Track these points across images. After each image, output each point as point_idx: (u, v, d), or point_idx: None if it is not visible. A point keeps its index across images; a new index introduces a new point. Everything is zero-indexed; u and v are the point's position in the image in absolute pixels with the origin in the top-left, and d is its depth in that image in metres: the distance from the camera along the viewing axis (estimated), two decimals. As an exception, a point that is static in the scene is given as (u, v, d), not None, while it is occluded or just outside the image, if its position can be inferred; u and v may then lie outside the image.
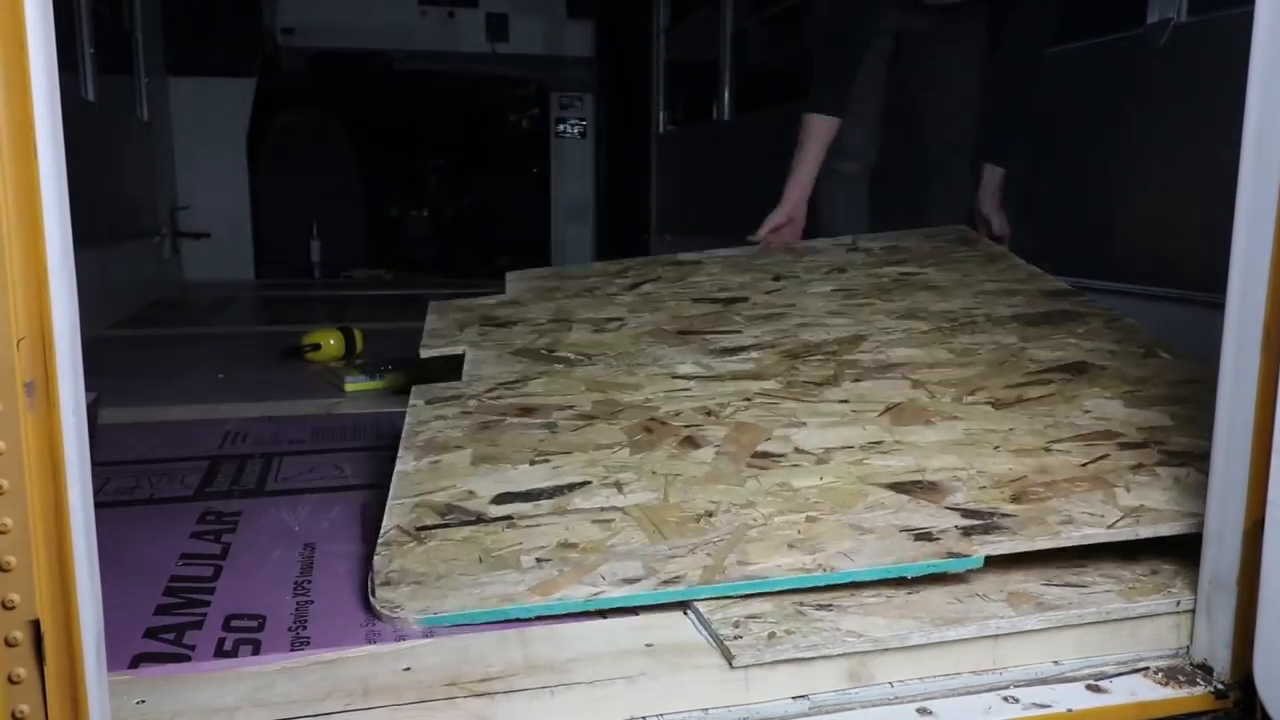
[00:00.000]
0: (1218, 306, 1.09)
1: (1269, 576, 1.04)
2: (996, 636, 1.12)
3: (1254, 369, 1.05)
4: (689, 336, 1.98)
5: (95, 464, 0.86)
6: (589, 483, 1.41)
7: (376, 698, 0.99)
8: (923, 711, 1.06)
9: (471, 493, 1.40)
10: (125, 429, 2.10)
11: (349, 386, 2.50)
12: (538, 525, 1.31)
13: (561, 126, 6.95)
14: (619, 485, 1.40)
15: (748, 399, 1.66)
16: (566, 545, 1.26)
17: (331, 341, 2.94)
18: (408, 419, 1.64)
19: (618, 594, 1.16)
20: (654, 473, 1.43)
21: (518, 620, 1.13)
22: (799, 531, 1.26)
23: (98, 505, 0.86)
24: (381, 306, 4.61)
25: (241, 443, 2.01)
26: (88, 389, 0.88)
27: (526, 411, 1.64)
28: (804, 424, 1.56)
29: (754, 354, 1.86)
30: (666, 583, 1.17)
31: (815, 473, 1.41)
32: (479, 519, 1.33)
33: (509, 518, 1.33)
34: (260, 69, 5.95)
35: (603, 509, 1.34)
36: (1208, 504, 1.13)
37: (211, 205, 5.76)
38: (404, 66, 6.58)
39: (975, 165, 2.64)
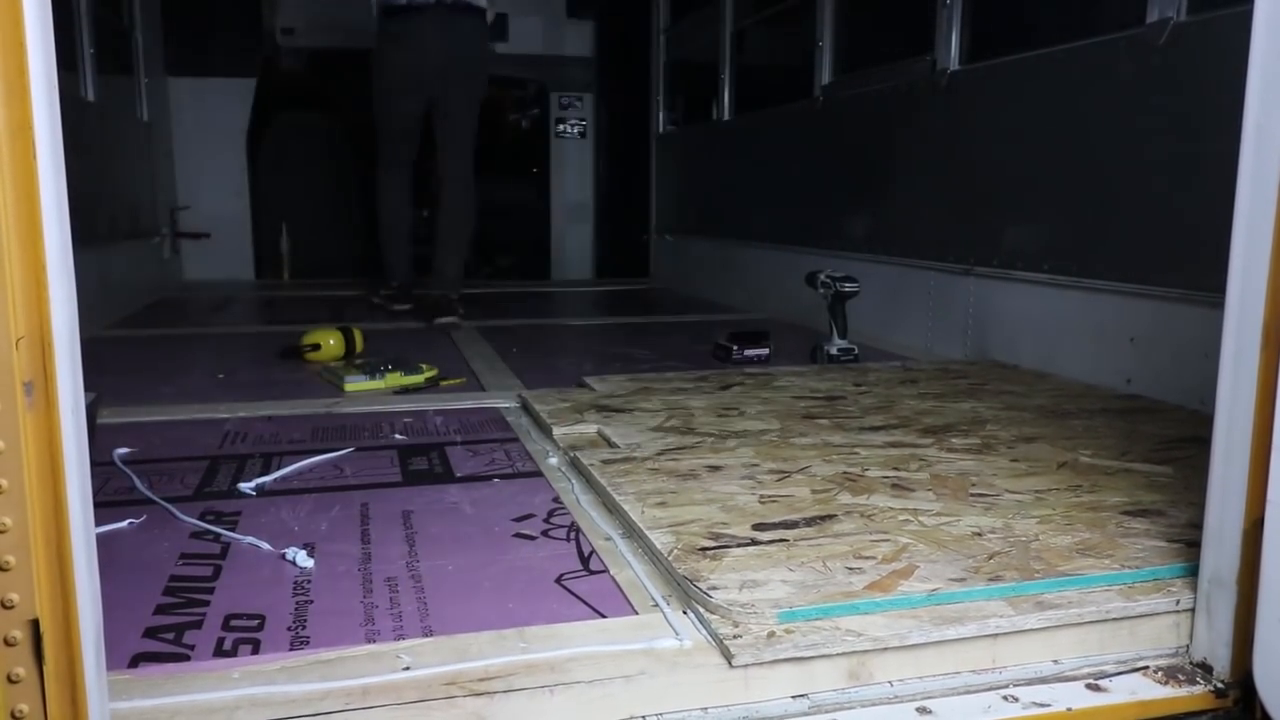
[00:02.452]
0: (1218, 306, 1.09)
1: (1269, 576, 1.04)
2: (996, 635, 1.12)
3: (1254, 368, 1.05)
4: (818, 420, 2.07)
5: (94, 464, 0.86)
6: (835, 515, 1.44)
7: (376, 697, 0.99)
8: (922, 710, 1.06)
9: (725, 524, 1.41)
10: (125, 429, 2.10)
11: (349, 386, 2.50)
12: (818, 545, 1.33)
13: (561, 126, 6.94)
14: (866, 516, 1.44)
15: (923, 460, 1.75)
16: (864, 557, 1.28)
17: (331, 341, 2.94)
18: (597, 478, 1.65)
19: (954, 589, 1.18)
20: (889, 509, 1.48)
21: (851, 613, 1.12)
22: (1076, 538, 1.34)
23: (97, 505, 0.86)
24: (381, 306, 4.60)
25: (241, 443, 2.01)
26: (87, 389, 0.88)
27: (715, 469, 1.69)
28: (994, 475, 1.65)
29: (896, 433, 1.96)
30: (992, 580, 1.20)
31: (1042, 504, 1.50)
32: (753, 541, 1.34)
33: (783, 540, 1.35)
34: (260, 69, 5.95)
35: (871, 531, 1.37)
36: (1207, 504, 1.13)
37: (211, 205, 5.75)
38: (404, 66, 6.58)
39: None
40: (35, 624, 0.80)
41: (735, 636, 1.08)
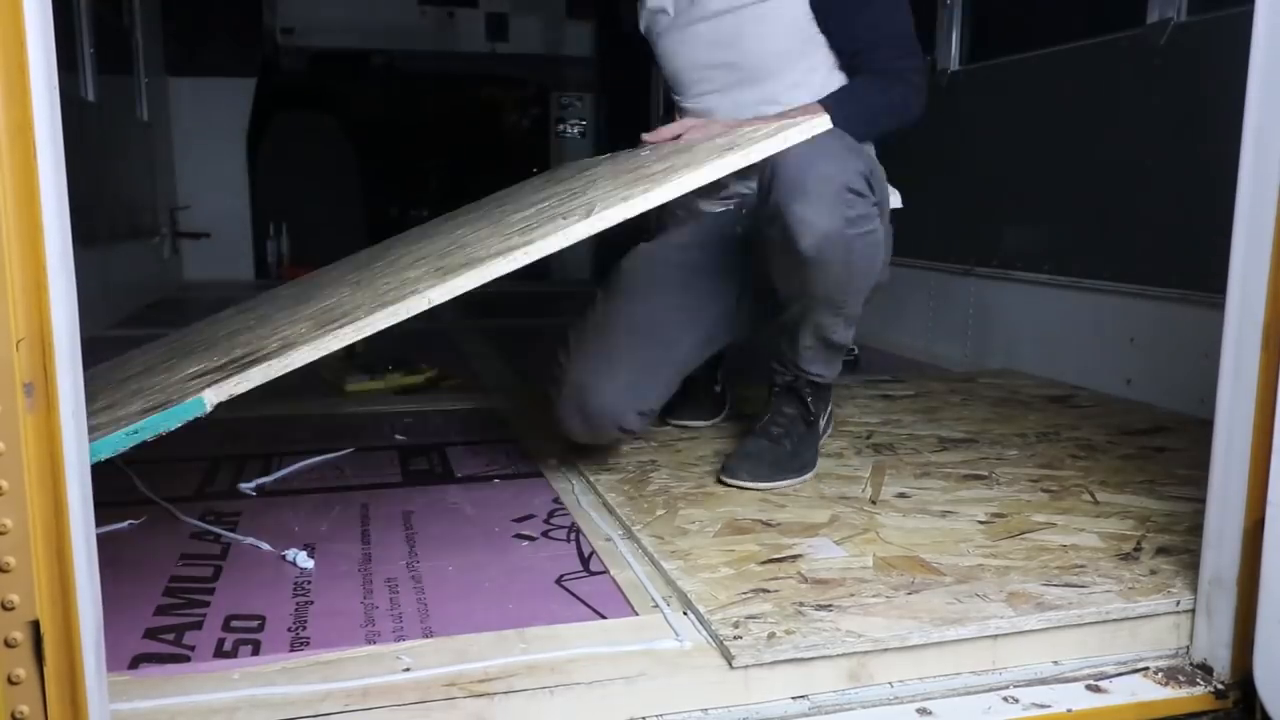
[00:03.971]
0: (1218, 306, 1.09)
1: (1269, 576, 1.04)
2: (996, 636, 1.12)
3: (1254, 369, 1.05)
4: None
5: (94, 464, 0.86)
6: None
7: (376, 698, 0.99)
8: (923, 711, 1.06)
9: None
10: (125, 429, 2.09)
11: (349, 386, 2.50)
12: None
13: (561, 126, 6.93)
14: None
15: None
16: None
17: (331, 341, 2.93)
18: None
19: None
20: None
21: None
22: None
23: (97, 506, 0.85)
24: (381, 306, 4.60)
25: (242, 443, 2.01)
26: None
27: None
28: None
29: None
30: None
31: None
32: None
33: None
34: (260, 69, 5.94)
35: None
36: (1208, 504, 1.13)
37: (211, 205, 5.75)
38: (404, 66, 6.58)
39: None
40: (35, 625, 0.80)
41: (735, 637, 1.08)
